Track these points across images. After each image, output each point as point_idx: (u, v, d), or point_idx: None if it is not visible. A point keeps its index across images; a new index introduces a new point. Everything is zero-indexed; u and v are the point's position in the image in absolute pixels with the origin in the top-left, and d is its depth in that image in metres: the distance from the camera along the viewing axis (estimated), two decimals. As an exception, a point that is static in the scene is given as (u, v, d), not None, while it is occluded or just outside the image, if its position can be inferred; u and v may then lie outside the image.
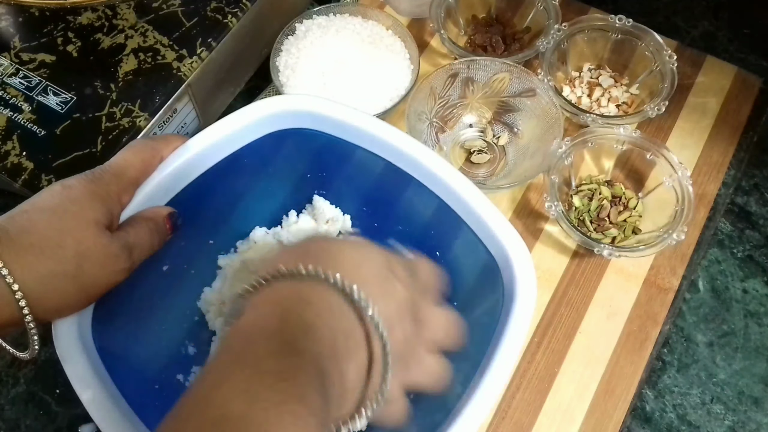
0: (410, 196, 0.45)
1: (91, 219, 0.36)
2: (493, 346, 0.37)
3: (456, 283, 0.46)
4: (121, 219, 0.40)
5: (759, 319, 0.52)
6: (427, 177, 0.43)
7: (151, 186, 0.41)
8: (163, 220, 0.41)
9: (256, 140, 0.45)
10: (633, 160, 0.55)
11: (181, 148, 0.42)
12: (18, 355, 0.37)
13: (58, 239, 0.34)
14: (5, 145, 0.49)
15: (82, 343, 0.37)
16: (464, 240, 0.43)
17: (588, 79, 0.61)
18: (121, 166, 0.40)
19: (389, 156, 0.43)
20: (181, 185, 0.43)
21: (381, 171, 0.44)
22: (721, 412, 0.49)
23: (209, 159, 0.44)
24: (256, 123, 0.44)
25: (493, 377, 0.36)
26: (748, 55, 0.63)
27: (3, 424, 0.49)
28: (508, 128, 0.59)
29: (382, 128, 0.43)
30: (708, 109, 0.59)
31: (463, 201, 0.41)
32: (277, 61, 0.58)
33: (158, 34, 0.53)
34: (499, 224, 0.40)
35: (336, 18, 0.60)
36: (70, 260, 0.34)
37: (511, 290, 0.39)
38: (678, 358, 0.51)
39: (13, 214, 0.35)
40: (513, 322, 0.37)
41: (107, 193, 0.38)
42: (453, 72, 0.57)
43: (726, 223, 0.56)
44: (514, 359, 0.37)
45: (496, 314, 0.39)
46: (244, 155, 0.45)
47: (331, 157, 0.46)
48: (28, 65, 0.52)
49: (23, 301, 0.33)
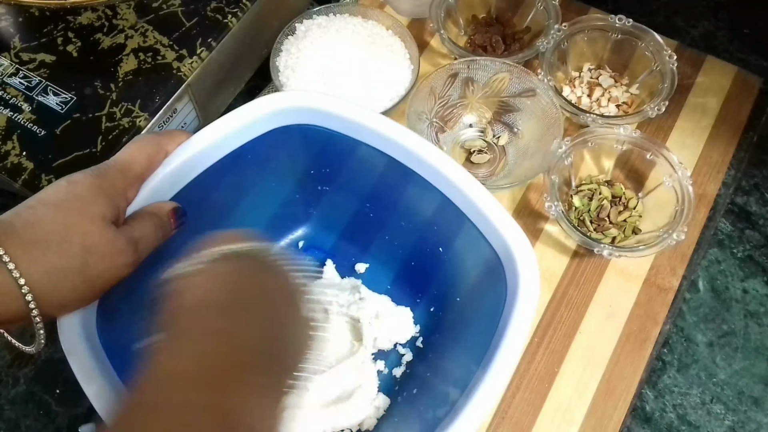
0: (413, 192, 0.45)
1: (96, 214, 0.36)
2: (495, 343, 0.37)
3: (459, 280, 0.46)
4: (127, 213, 0.40)
5: (759, 319, 0.52)
6: (429, 173, 0.43)
7: (156, 181, 0.41)
8: (168, 215, 0.41)
9: (260, 136, 0.45)
10: (633, 160, 0.55)
11: (186, 143, 0.42)
12: (24, 349, 0.37)
13: (64, 234, 0.34)
14: (5, 145, 0.49)
15: (86, 338, 0.37)
16: (467, 236, 0.43)
17: (588, 79, 0.61)
18: (127, 161, 0.40)
19: (392, 152, 0.44)
20: (186, 180, 0.43)
21: (384, 167, 0.45)
22: (721, 412, 0.49)
23: (214, 154, 0.44)
24: (260, 119, 0.44)
25: (496, 374, 0.36)
26: (748, 55, 0.63)
27: (3, 424, 0.49)
28: (508, 128, 0.59)
29: (386, 124, 0.43)
30: (708, 109, 0.59)
31: (466, 197, 0.41)
32: (277, 61, 0.58)
33: (158, 34, 0.53)
34: (503, 220, 0.40)
35: (336, 18, 0.60)
36: (75, 255, 0.35)
37: (514, 286, 0.39)
38: (678, 358, 0.51)
39: (19, 210, 0.35)
40: (516, 318, 0.37)
41: (113, 188, 0.38)
42: (453, 72, 0.57)
43: (726, 223, 0.56)
44: (518, 356, 0.37)
45: (499, 310, 0.39)
46: (248, 151, 0.45)
47: (335, 153, 0.46)
48: (28, 65, 0.52)
49: (30, 295, 0.33)
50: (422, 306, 0.51)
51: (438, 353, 0.48)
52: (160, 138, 0.42)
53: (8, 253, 0.33)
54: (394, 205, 0.47)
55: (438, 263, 0.47)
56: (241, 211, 0.49)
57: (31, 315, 0.34)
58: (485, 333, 0.39)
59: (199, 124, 0.57)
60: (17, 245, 0.33)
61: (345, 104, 0.44)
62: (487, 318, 0.40)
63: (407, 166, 0.43)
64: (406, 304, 0.50)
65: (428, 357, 0.48)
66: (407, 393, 0.47)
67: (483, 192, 0.41)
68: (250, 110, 0.44)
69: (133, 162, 0.40)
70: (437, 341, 0.49)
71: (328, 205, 0.52)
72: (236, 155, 0.45)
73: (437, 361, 0.47)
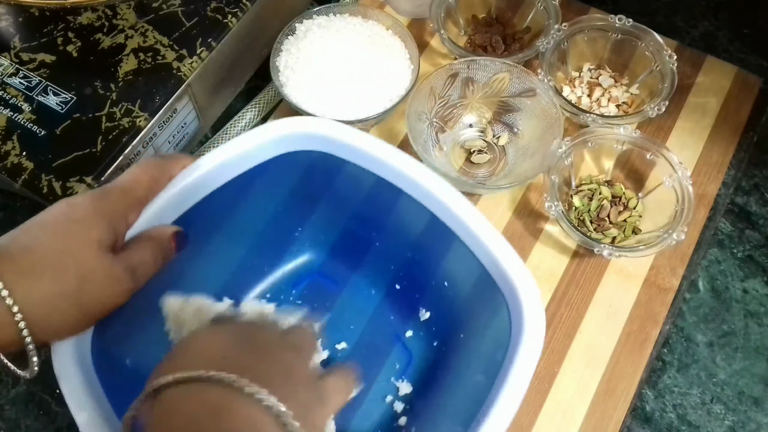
0: (423, 228, 0.44)
1: (94, 239, 0.35)
2: (500, 380, 0.37)
3: (463, 315, 0.46)
4: (127, 237, 0.39)
5: (759, 319, 0.52)
6: (440, 210, 0.42)
7: (159, 204, 0.41)
8: (169, 239, 0.40)
9: (266, 161, 0.45)
10: (633, 160, 0.55)
11: (191, 167, 0.42)
12: (19, 373, 0.37)
13: (59, 259, 0.34)
14: (5, 145, 0.49)
15: (79, 362, 0.37)
16: (474, 275, 0.42)
17: (588, 79, 0.61)
18: (129, 183, 0.39)
19: (404, 186, 0.43)
20: (189, 204, 0.43)
21: (394, 199, 0.44)
22: (721, 412, 0.49)
23: (218, 179, 0.43)
24: (266, 144, 0.44)
25: (500, 413, 0.36)
26: (748, 55, 0.63)
27: (3, 424, 0.49)
28: (508, 128, 0.59)
29: (398, 156, 0.43)
30: (708, 109, 0.59)
31: (476, 238, 0.41)
32: (277, 61, 0.58)
33: (158, 34, 0.53)
34: (510, 261, 0.40)
35: (336, 18, 0.60)
36: (70, 281, 0.34)
37: (519, 324, 0.39)
38: (678, 358, 0.51)
39: (16, 233, 0.35)
40: (521, 358, 0.38)
41: (113, 212, 0.37)
42: (453, 72, 0.57)
43: (726, 223, 0.56)
44: (523, 392, 0.37)
45: (504, 346, 0.39)
46: (254, 176, 0.45)
47: (343, 180, 0.46)
48: (28, 65, 0.52)
49: (23, 323, 0.33)
50: (425, 340, 0.49)
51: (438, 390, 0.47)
52: (164, 161, 0.42)
53: (2, 279, 0.32)
54: (402, 238, 0.47)
55: (443, 298, 0.47)
56: (244, 235, 0.48)
57: (25, 342, 0.33)
58: (490, 369, 0.39)
59: (199, 124, 0.57)
60: (12, 271, 0.33)
61: (355, 133, 0.43)
62: (491, 353, 0.40)
63: (419, 201, 0.43)
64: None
65: (429, 394, 0.47)
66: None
67: (491, 231, 0.41)
68: (257, 135, 0.44)
69: (135, 185, 0.39)
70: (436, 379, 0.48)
71: (334, 232, 0.51)
72: (242, 180, 0.44)
73: (437, 397, 0.46)
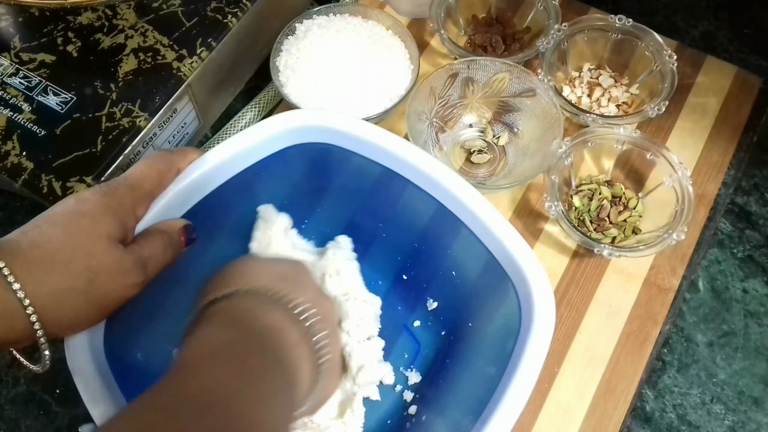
0: (429, 218, 0.45)
1: (103, 233, 0.36)
2: (512, 365, 0.38)
3: (471, 304, 0.46)
4: (137, 231, 0.39)
5: (759, 319, 0.52)
6: (447, 199, 0.43)
7: (167, 198, 0.41)
8: (178, 233, 0.40)
9: (274, 154, 0.45)
10: (633, 160, 0.55)
11: (198, 160, 0.42)
12: (31, 367, 0.37)
13: (69, 254, 0.34)
14: (5, 145, 0.49)
15: (93, 356, 0.37)
16: (482, 262, 0.43)
17: (588, 79, 0.61)
18: (137, 178, 0.39)
19: (410, 175, 0.43)
20: (198, 198, 0.43)
21: (401, 190, 0.44)
22: (721, 412, 0.49)
23: (226, 172, 0.44)
24: (273, 137, 0.44)
25: (512, 400, 0.36)
26: (748, 55, 0.63)
27: (3, 424, 0.49)
28: (508, 128, 0.59)
29: (405, 147, 0.43)
30: (708, 109, 0.59)
31: (483, 225, 0.41)
32: (277, 61, 0.58)
33: (158, 34, 0.53)
34: (519, 248, 0.40)
35: (336, 18, 0.60)
36: (80, 275, 0.34)
37: (529, 311, 0.39)
38: (678, 358, 0.51)
39: (26, 228, 0.35)
40: (532, 341, 0.38)
41: (121, 206, 0.38)
42: (453, 72, 0.57)
43: (726, 223, 0.56)
44: (534, 380, 0.37)
45: (514, 334, 0.39)
46: (261, 169, 0.45)
47: (350, 172, 0.46)
48: (28, 65, 0.52)
49: (34, 316, 0.33)
50: (433, 329, 0.50)
51: (447, 379, 0.47)
52: (171, 155, 0.42)
53: (14, 273, 0.32)
54: (410, 228, 0.47)
55: (451, 287, 0.47)
56: (251, 227, 0.48)
57: (37, 336, 0.34)
58: (500, 358, 0.39)
59: (199, 124, 0.57)
60: (23, 266, 0.33)
61: (361, 124, 0.43)
62: (501, 340, 0.40)
63: (425, 190, 0.43)
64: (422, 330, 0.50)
65: (438, 382, 0.48)
66: (416, 419, 0.46)
67: (501, 220, 0.41)
68: (263, 129, 0.44)
69: (143, 179, 0.40)
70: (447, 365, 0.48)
71: (341, 223, 0.51)
72: (249, 173, 0.44)
73: (447, 386, 0.46)
